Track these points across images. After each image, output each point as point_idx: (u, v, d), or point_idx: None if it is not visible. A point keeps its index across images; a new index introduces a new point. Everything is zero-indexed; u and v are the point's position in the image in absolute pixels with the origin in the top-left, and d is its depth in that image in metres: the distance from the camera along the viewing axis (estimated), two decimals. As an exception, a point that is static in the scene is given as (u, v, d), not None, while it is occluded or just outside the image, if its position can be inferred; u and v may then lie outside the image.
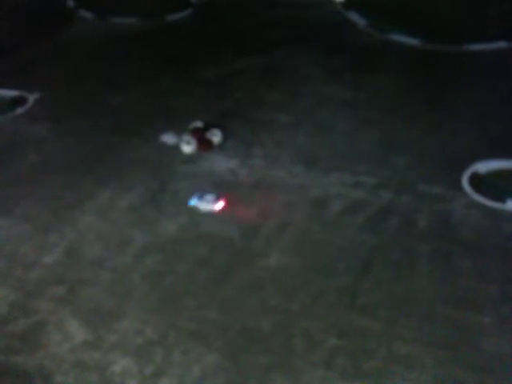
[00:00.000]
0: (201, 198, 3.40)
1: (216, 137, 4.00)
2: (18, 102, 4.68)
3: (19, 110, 4.59)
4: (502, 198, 3.31)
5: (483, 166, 3.57)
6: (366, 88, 4.59)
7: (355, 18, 5.71)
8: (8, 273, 3.08)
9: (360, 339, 2.59)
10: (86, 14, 6.29)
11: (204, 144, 3.95)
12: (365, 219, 3.26)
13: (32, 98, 4.71)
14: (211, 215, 3.37)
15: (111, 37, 5.77)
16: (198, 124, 4.08)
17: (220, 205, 3.37)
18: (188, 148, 3.92)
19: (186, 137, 3.94)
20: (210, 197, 3.38)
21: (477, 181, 3.47)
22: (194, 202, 3.40)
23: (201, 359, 2.54)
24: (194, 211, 3.40)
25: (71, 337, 2.69)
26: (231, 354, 2.56)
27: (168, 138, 4.02)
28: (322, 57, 5.09)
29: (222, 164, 3.81)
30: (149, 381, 2.48)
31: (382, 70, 4.82)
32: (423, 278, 2.88)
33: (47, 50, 5.59)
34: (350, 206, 3.36)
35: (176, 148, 3.95)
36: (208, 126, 4.04)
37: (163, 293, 2.90)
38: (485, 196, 3.34)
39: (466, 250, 3.02)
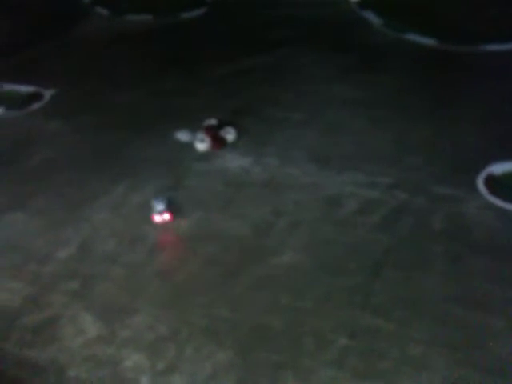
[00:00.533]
0: (157, 202, 3.31)
1: (230, 135, 4.00)
2: (34, 97, 4.72)
3: (35, 106, 4.63)
4: (517, 200, 3.29)
5: (499, 168, 3.53)
6: (378, 87, 4.56)
7: (370, 17, 5.68)
8: (22, 266, 3.11)
9: (371, 339, 2.58)
10: (102, 11, 6.32)
11: (218, 142, 3.95)
12: (378, 219, 3.24)
13: (48, 93, 4.75)
14: (224, 213, 3.38)
15: (125, 34, 5.79)
16: (212, 121, 4.09)
17: (161, 218, 3.30)
18: (202, 146, 3.93)
19: (200, 135, 3.95)
20: (160, 206, 3.29)
21: (492, 182, 3.44)
22: (153, 202, 3.33)
23: (212, 356, 2.55)
24: (207, 208, 3.42)
25: (84, 331, 2.71)
26: (242, 351, 2.57)
27: (183, 136, 4.02)
28: (334, 55, 5.06)
29: (234, 162, 3.82)
30: (161, 376, 2.49)
31: (394, 70, 4.79)
32: (436, 279, 2.87)
33: (61, 47, 5.62)
34: (364, 205, 3.35)
35: (189, 145, 3.96)
36: (222, 124, 4.05)
37: (175, 289, 2.91)
38: (500, 198, 3.32)
39: (480, 251, 3.00)
